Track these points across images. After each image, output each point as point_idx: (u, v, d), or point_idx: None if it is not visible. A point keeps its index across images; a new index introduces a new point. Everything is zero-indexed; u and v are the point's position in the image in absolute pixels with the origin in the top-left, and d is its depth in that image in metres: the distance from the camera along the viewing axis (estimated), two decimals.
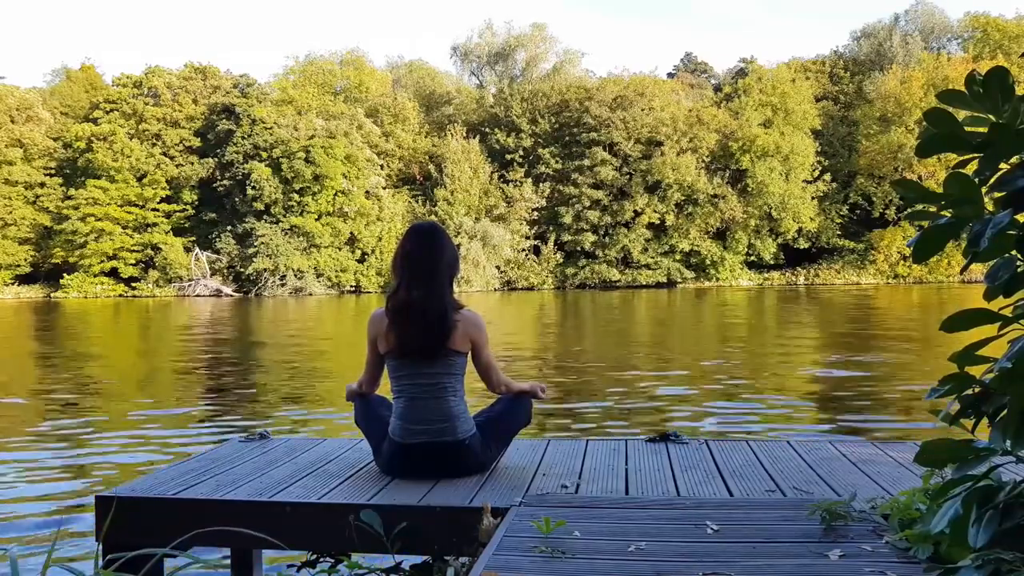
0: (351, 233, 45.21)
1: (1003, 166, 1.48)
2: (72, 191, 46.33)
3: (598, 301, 31.52)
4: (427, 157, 49.34)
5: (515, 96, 50.81)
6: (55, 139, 49.01)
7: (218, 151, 46.25)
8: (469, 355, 3.11)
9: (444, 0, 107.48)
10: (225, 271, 45.25)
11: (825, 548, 2.03)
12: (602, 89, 49.50)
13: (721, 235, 48.04)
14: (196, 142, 48.02)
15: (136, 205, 46.57)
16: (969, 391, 1.59)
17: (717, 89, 54.31)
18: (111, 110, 48.41)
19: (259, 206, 44.12)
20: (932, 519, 1.80)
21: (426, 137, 50.29)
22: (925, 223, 1.55)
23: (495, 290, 45.12)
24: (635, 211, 47.07)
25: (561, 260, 47.65)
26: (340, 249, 45.20)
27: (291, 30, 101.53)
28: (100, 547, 2.57)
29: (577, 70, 54.34)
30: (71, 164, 47.95)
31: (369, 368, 3.21)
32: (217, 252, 45.21)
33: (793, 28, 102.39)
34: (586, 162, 47.12)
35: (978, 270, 1.54)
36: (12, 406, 7.98)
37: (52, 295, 45.21)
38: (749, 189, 46.93)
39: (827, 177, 47.89)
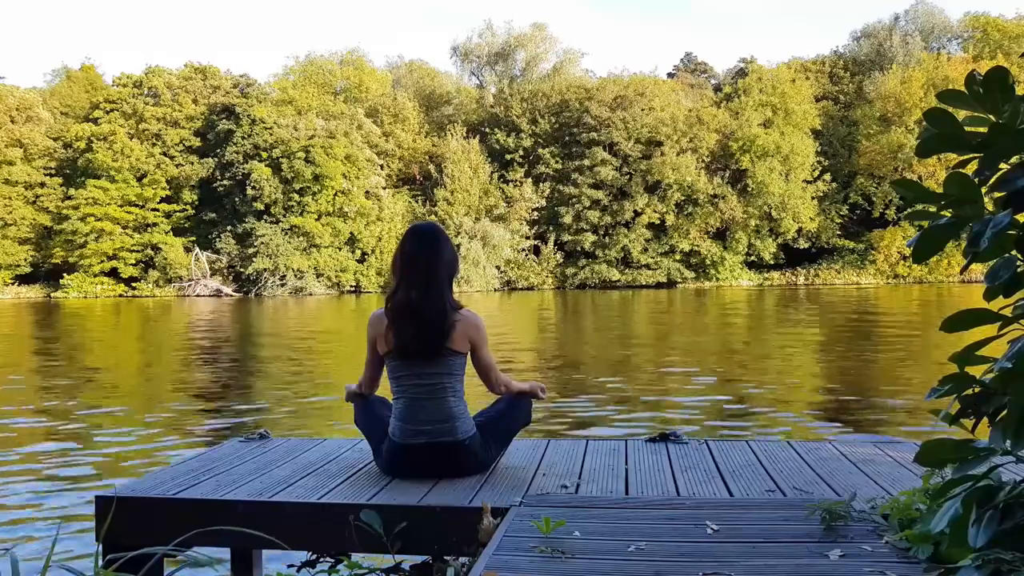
0: (351, 233, 45.20)
1: (1003, 166, 1.48)
2: (72, 191, 46.31)
3: (598, 301, 31.52)
4: (427, 157, 49.33)
5: (515, 96, 50.79)
6: (55, 139, 48.99)
7: (218, 151, 46.25)
8: (468, 355, 3.11)
9: (444, 0, 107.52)
10: (225, 271, 45.24)
11: (825, 548, 2.03)
12: (602, 89, 49.49)
13: (721, 235, 48.03)
14: (196, 142, 48.01)
15: (136, 205, 46.55)
16: (969, 391, 1.59)
17: (717, 89, 54.28)
18: (111, 110, 48.39)
19: (259, 206, 44.11)
20: (932, 519, 1.80)
21: (426, 137, 50.28)
22: (925, 223, 1.55)
23: (495, 290, 45.11)
24: (635, 211, 47.05)
25: (561, 260, 47.64)
26: (340, 249, 45.19)
27: (291, 30, 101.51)
28: (100, 547, 2.57)
29: (577, 70, 54.35)
30: (71, 164, 47.94)
31: (369, 369, 3.21)
32: (217, 252, 45.20)
33: (793, 28, 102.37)
34: (586, 162, 47.11)
35: (978, 270, 1.54)
36: (12, 406, 7.98)
37: (52, 295, 45.19)
38: (749, 189, 46.92)
39: (827, 177, 47.87)
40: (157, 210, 47.10)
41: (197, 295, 43.35)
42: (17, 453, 5.76)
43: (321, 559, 3.37)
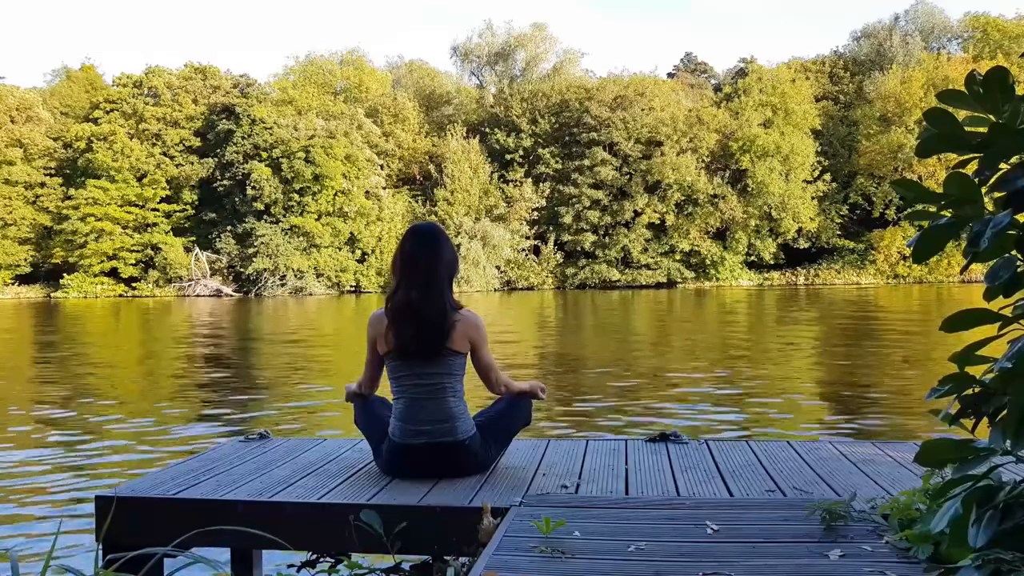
0: (351, 233, 45.21)
1: (1003, 166, 1.48)
2: (72, 191, 46.32)
3: (598, 301, 31.52)
4: (427, 157, 49.33)
5: (515, 96, 50.80)
6: (55, 139, 48.99)
7: (218, 151, 46.25)
8: (468, 355, 3.11)
9: (444, 0, 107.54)
10: (225, 271, 45.24)
11: (825, 548, 2.03)
12: (602, 89, 49.50)
13: (721, 235, 48.04)
14: (196, 142, 48.01)
15: (136, 205, 46.56)
16: (969, 391, 1.59)
17: (717, 89, 54.29)
18: (111, 110, 48.39)
19: (259, 206, 44.11)
20: (932, 519, 1.80)
21: (426, 137, 50.29)
22: (925, 223, 1.55)
23: (495, 290, 45.11)
24: (635, 211, 47.06)
25: (561, 260, 47.65)
26: (340, 249, 45.19)
27: (291, 30, 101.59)
28: (100, 547, 2.57)
29: (577, 70, 54.36)
30: (71, 164, 47.94)
31: (368, 369, 3.21)
32: (217, 252, 45.20)
33: (793, 28, 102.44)
34: (586, 162, 47.12)
35: (978, 270, 1.53)
36: (12, 406, 7.98)
37: (52, 295, 45.19)
38: (749, 189, 46.93)
39: (827, 177, 47.89)
40: (157, 210, 47.11)
41: (197, 295, 43.35)
42: (17, 453, 5.76)
43: (321, 559, 3.37)
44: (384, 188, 47.16)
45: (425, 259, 3.02)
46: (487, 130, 49.38)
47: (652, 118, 47.33)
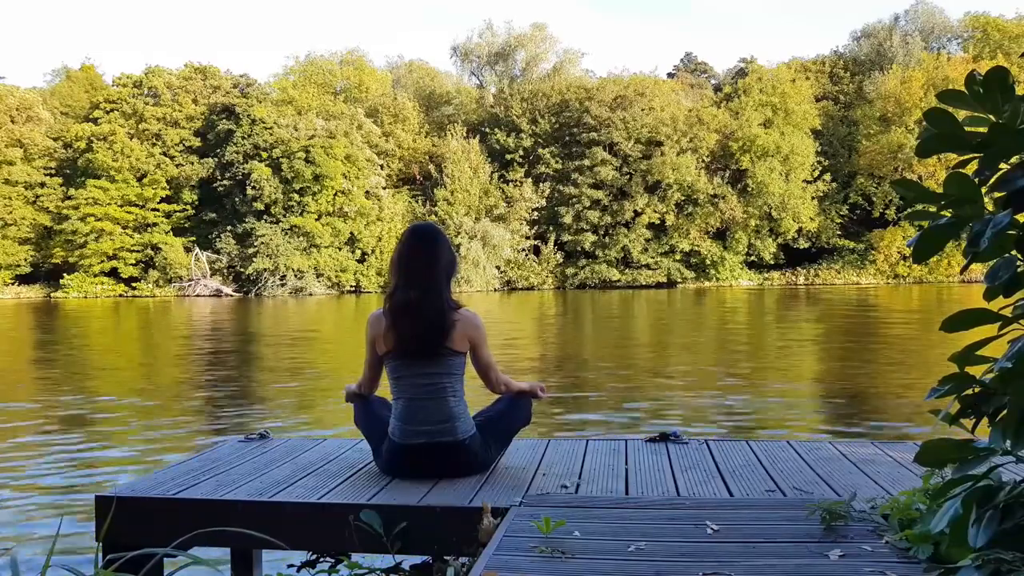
0: (351, 233, 45.18)
1: (1003, 166, 1.48)
2: (72, 191, 46.28)
3: (598, 301, 31.51)
4: (427, 157, 49.31)
5: (515, 96, 50.77)
6: (55, 139, 48.95)
7: (218, 151, 46.22)
8: (468, 355, 3.11)
9: (444, 0, 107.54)
10: (225, 271, 45.22)
11: (825, 548, 2.03)
12: (602, 89, 49.47)
13: (721, 235, 48.01)
14: (196, 142, 47.98)
15: (136, 205, 46.52)
16: (969, 391, 1.59)
17: (717, 89, 54.26)
18: (111, 110, 48.35)
19: (259, 206, 44.08)
20: (932, 519, 1.80)
21: (426, 137, 50.27)
22: (925, 223, 1.55)
23: (495, 290, 45.11)
24: (635, 211, 47.04)
25: (561, 260, 47.62)
26: (340, 249, 45.17)
27: (291, 30, 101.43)
28: (100, 547, 2.57)
29: (577, 70, 54.33)
30: (71, 164, 47.91)
31: (368, 369, 3.21)
32: (217, 252, 45.18)
33: (793, 28, 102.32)
34: (586, 162, 47.09)
35: (978, 270, 1.53)
36: (12, 406, 7.97)
37: (52, 295, 45.18)
38: (749, 189, 46.91)
39: (827, 177, 47.87)
40: (157, 210, 47.06)
41: (197, 295, 43.34)
42: (17, 453, 5.76)
43: (321, 559, 3.37)
44: (384, 188, 47.13)
45: (424, 259, 3.02)
46: (487, 130, 49.36)
47: (652, 118, 47.31)
